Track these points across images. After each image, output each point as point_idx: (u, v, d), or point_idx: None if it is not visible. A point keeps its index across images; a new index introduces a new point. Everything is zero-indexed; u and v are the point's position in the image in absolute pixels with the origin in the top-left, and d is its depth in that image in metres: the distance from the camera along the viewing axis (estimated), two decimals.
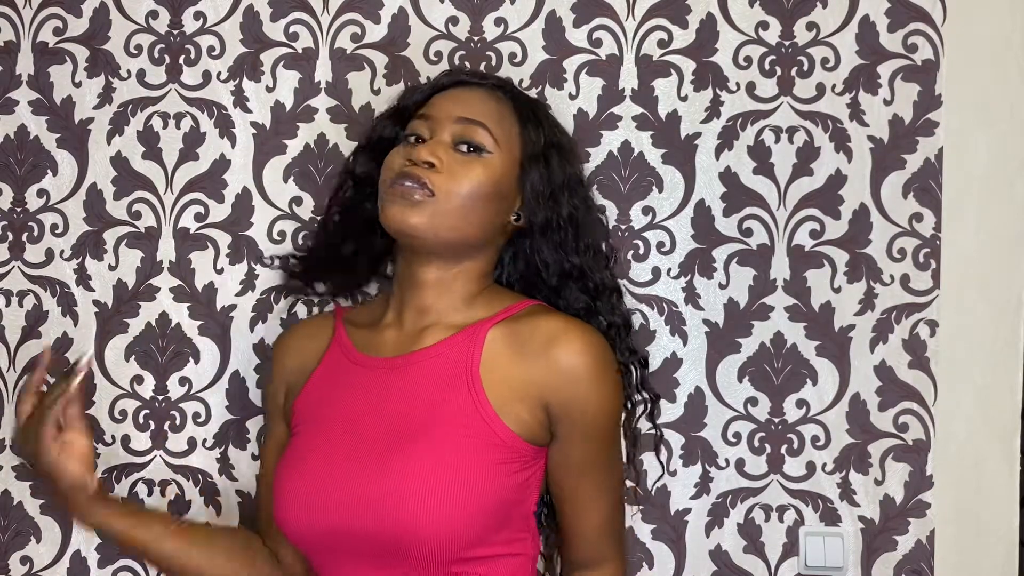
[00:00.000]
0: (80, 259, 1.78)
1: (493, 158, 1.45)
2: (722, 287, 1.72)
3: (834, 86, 1.71)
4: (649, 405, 1.60)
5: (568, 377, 1.40)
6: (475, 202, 1.44)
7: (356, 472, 1.38)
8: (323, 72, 1.77)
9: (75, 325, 1.78)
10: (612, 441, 1.48)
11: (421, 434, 1.38)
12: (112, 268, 1.78)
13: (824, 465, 1.70)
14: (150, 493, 1.76)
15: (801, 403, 1.70)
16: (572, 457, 1.44)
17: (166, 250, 1.78)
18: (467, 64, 1.74)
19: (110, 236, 1.78)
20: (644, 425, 1.68)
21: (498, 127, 1.47)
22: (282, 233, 1.76)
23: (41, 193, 1.80)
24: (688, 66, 1.73)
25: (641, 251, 1.73)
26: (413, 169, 1.42)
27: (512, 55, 1.74)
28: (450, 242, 1.45)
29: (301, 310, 1.76)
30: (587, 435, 1.43)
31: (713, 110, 1.72)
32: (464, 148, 1.45)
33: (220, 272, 1.77)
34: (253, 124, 1.77)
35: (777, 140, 1.71)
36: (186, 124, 1.78)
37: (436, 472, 1.35)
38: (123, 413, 1.77)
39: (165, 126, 1.78)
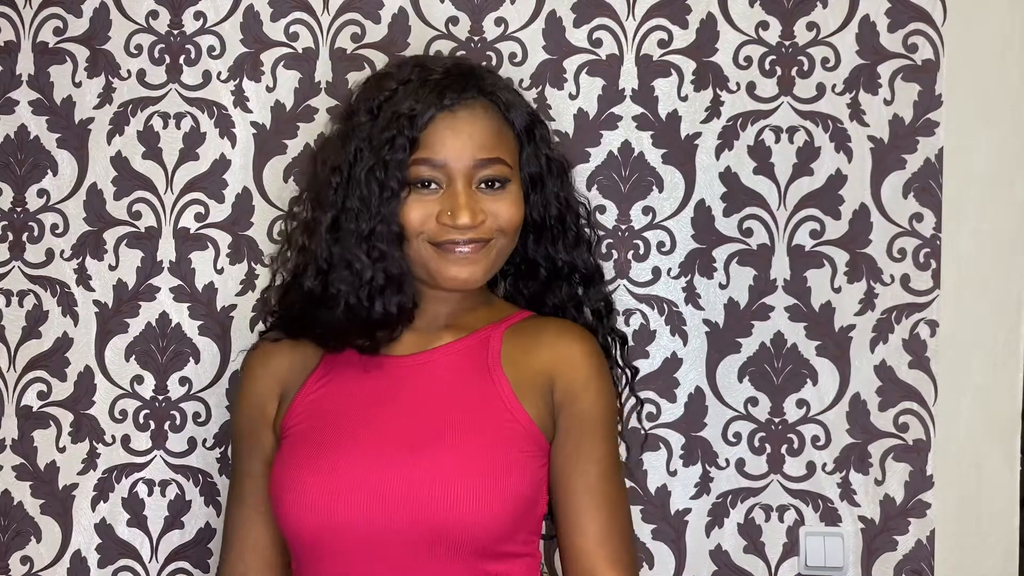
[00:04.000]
0: (80, 259, 1.78)
1: (512, 181, 1.47)
2: (722, 287, 1.72)
3: (834, 86, 1.71)
4: (632, 388, 1.62)
5: (571, 363, 1.45)
6: (517, 229, 1.48)
7: (386, 466, 1.37)
8: (323, 72, 1.77)
9: (75, 325, 1.78)
10: (608, 438, 1.46)
11: (449, 425, 1.40)
12: (112, 268, 1.78)
13: (824, 465, 1.70)
14: (150, 493, 1.76)
15: (801, 403, 1.70)
16: (567, 447, 1.44)
17: (166, 250, 1.78)
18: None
19: (110, 236, 1.78)
20: (641, 425, 1.70)
21: (507, 150, 1.47)
22: (282, 233, 1.76)
23: (41, 193, 1.80)
24: (688, 66, 1.73)
25: (641, 251, 1.73)
26: (463, 236, 1.42)
27: (512, 55, 1.74)
28: (497, 270, 1.49)
29: None
30: (583, 421, 1.44)
31: (713, 110, 1.72)
32: (489, 184, 1.45)
33: (220, 272, 1.77)
34: (253, 124, 1.77)
35: (777, 140, 1.71)
36: (186, 124, 1.78)
37: (469, 461, 1.37)
38: (123, 413, 1.77)
39: (165, 126, 1.78)
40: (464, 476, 1.35)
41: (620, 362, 1.60)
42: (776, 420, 1.70)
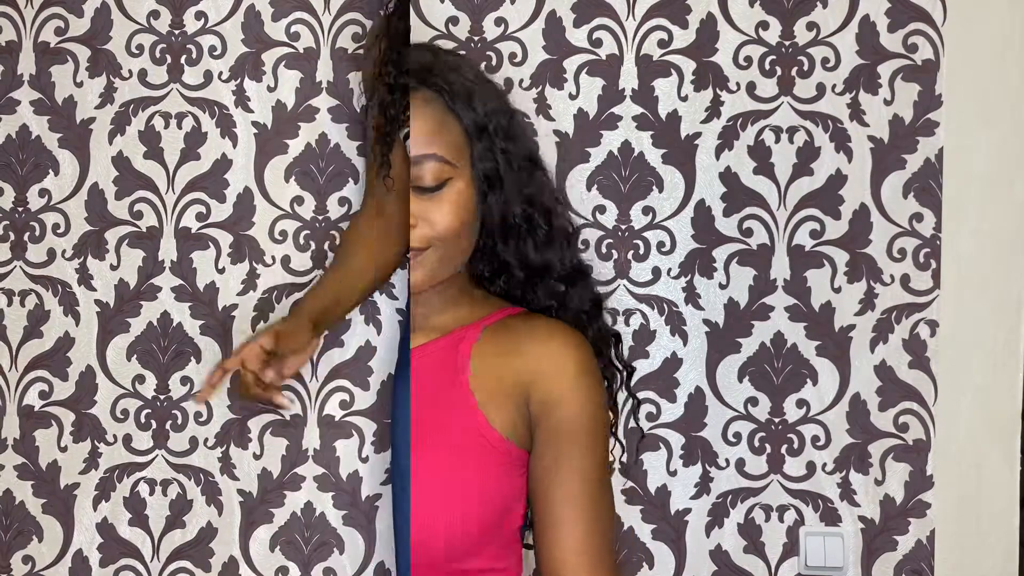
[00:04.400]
0: (82, 259, 1.79)
1: (455, 180, 1.34)
2: (722, 287, 1.72)
3: (834, 86, 1.71)
4: (629, 388, 1.53)
5: (547, 374, 1.34)
6: (461, 234, 1.36)
7: None
8: (324, 72, 1.77)
9: (77, 325, 1.78)
10: (592, 448, 1.36)
11: (416, 432, 1.33)
12: (114, 268, 1.79)
13: (824, 465, 1.70)
14: (152, 492, 1.77)
15: (801, 403, 1.70)
16: (546, 458, 1.34)
17: (167, 250, 1.78)
18: None
19: (112, 236, 1.79)
20: (643, 426, 1.70)
21: (447, 145, 1.34)
22: (283, 233, 1.76)
23: (43, 193, 1.80)
24: (688, 66, 1.73)
25: (641, 251, 1.73)
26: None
27: (512, 55, 1.74)
28: (449, 275, 1.39)
29: None
30: (560, 433, 1.34)
31: (713, 110, 1.72)
32: (427, 187, 1.33)
33: (221, 272, 1.78)
34: (254, 124, 1.78)
35: (777, 140, 1.71)
36: (187, 124, 1.78)
37: (432, 470, 1.30)
38: (125, 412, 1.78)
39: (166, 126, 1.79)
40: (425, 485, 1.29)
41: (616, 361, 1.49)
42: (776, 420, 1.70)
